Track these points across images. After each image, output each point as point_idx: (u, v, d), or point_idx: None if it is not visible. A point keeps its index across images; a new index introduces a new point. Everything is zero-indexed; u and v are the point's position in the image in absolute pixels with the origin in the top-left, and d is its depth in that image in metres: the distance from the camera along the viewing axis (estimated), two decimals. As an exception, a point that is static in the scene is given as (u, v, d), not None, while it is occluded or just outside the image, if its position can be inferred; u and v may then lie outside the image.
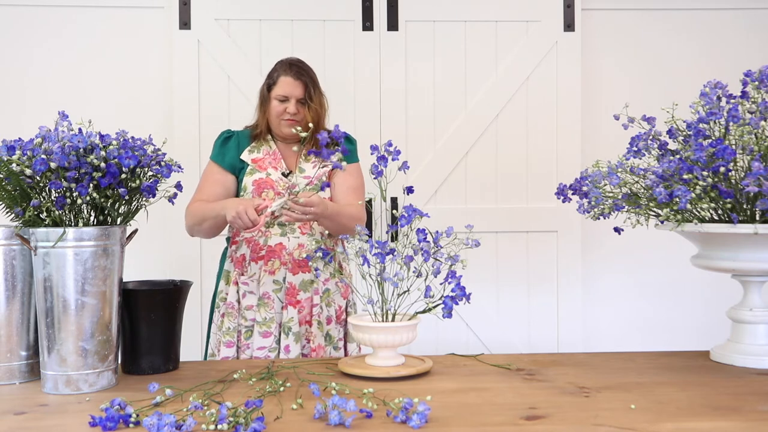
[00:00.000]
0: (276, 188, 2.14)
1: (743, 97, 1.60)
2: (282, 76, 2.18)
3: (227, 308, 2.16)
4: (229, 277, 2.19)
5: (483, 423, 1.24)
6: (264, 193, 2.13)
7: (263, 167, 2.18)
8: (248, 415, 1.21)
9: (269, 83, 2.21)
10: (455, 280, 1.59)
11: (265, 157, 2.20)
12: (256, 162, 2.19)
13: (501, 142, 3.29)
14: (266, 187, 2.15)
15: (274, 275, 2.13)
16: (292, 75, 2.16)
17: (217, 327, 2.18)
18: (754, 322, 1.65)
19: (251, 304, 2.14)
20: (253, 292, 2.14)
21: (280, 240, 2.14)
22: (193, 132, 3.16)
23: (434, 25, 3.27)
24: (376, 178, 1.68)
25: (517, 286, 3.30)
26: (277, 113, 2.18)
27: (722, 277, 1.82)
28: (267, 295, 2.13)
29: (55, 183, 1.45)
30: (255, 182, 2.15)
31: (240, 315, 2.15)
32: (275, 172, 2.17)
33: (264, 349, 2.10)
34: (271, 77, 2.22)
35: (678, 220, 1.58)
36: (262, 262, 2.14)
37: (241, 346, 2.14)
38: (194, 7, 3.15)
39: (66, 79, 3.18)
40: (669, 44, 3.39)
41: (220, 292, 2.21)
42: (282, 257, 2.13)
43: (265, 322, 2.11)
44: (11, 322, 1.53)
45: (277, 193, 2.14)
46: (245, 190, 2.17)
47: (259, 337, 2.11)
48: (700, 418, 1.26)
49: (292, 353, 2.09)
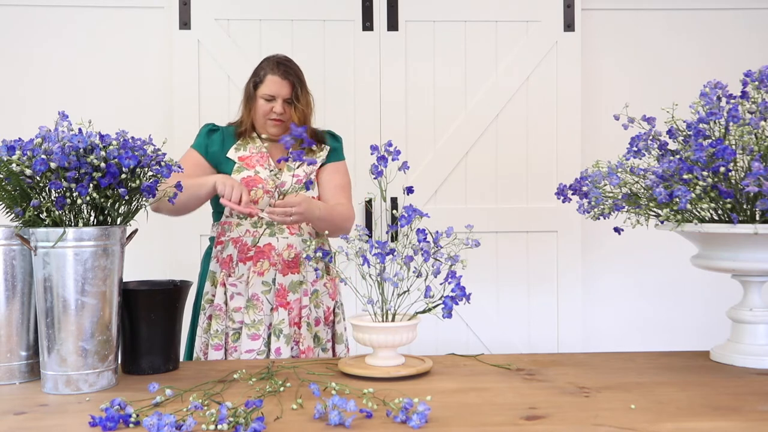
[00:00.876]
0: (265, 186, 2.11)
1: (743, 97, 1.60)
2: (269, 74, 2.15)
3: (214, 310, 2.12)
4: (215, 278, 2.14)
5: (483, 423, 1.24)
6: (253, 192, 2.10)
7: (251, 165, 2.15)
8: (248, 415, 1.21)
9: (255, 81, 2.18)
10: (455, 280, 1.59)
11: (252, 155, 2.17)
12: (243, 160, 2.15)
13: (501, 142, 3.29)
14: (255, 185, 2.11)
15: (263, 276, 2.10)
16: (279, 74, 2.14)
17: (203, 330, 2.13)
18: (754, 322, 1.65)
19: (239, 305, 2.09)
20: (242, 293, 2.10)
21: (269, 240, 2.11)
22: (193, 132, 3.12)
23: (434, 25, 3.27)
24: (376, 178, 1.68)
25: (517, 286, 3.30)
26: (263, 113, 2.15)
27: (722, 277, 1.82)
28: (256, 297, 2.09)
29: (55, 183, 1.45)
30: (243, 180, 2.11)
31: (227, 317, 2.10)
32: (263, 170, 2.14)
33: (252, 352, 2.06)
34: (257, 75, 2.18)
35: (678, 220, 1.58)
36: (250, 263, 2.11)
37: (229, 348, 2.10)
38: (194, 7, 3.15)
39: (66, 79, 3.18)
40: (669, 44, 3.39)
41: (205, 294, 2.15)
42: (271, 258, 2.11)
43: (254, 324, 2.07)
44: (11, 322, 1.53)
45: (266, 191, 2.11)
46: None
47: (247, 339, 2.07)
48: (700, 418, 1.26)
49: (283, 355, 2.06)
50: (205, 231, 3.14)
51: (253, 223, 2.11)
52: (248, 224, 2.12)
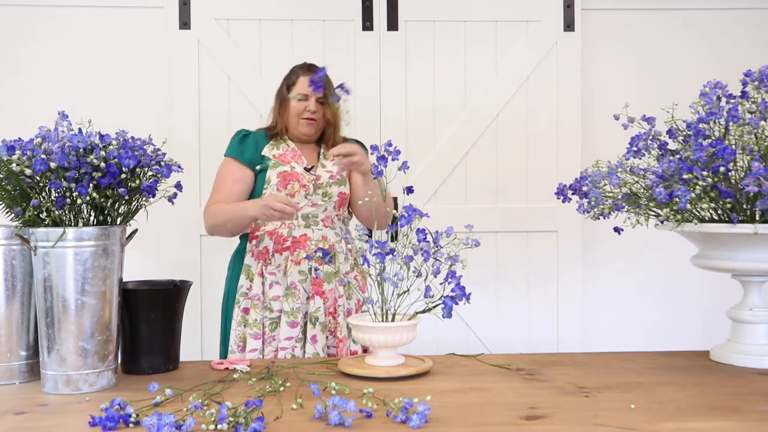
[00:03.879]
0: (301, 180, 2.18)
1: (743, 97, 1.60)
2: (301, 76, 2.25)
3: (252, 301, 2.16)
4: (250, 271, 2.20)
5: (483, 423, 1.24)
6: (289, 186, 2.17)
7: (286, 161, 2.22)
8: (248, 415, 1.21)
9: (288, 84, 2.28)
10: (455, 280, 1.59)
11: (286, 153, 2.24)
12: (277, 157, 2.22)
13: (501, 142, 3.29)
14: (291, 180, 2.18)
15: (300, 265, 2.15)
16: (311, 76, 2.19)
17: (237, 323, 2.18)
18: (754, 322, 1.65)
19: (278, 294, 2.15)
20: (279, 282, 2.16)
21: (304, 231, 2.17)
22: (193, 132, 3.17)
23: (434, 25, 3.27)
24: (376, 179, 1.68)
25: (517, 286, 3.30)
26: (297, 112, 2.23)
27: (722, 277, 1.82)
28: (294, 285, 2.14)
29: (55, 183, 1.45)
30: (280, 174, 2.18)
31: (264, 307, 2.15)
32: (298, 166, 2.21)
33: (291, 339, 2.11)
34: (289, 79, 2.28)
35: (678, 220, 1.58)
36: (287, 252, 2.16)
37: (267, 338, 2.14)
38: (194, 7, 3.15)
39: (66, 79, 3.18)
40: (669, 44, 3.39)
41: (240, 288, 2.20)
42: (307, 248, 2.16)
43: (293, 312, 2.12)
44: (11, 322, 1.53)
45: (302, 185, 2.17)
46: (269, 183, 2.18)
47: (286, 327, 2.11)
48: (700, 418, 1.26)
49: (319, 343, 2.11)
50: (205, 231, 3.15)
51: None
52: None
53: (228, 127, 3.13)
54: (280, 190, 2.17)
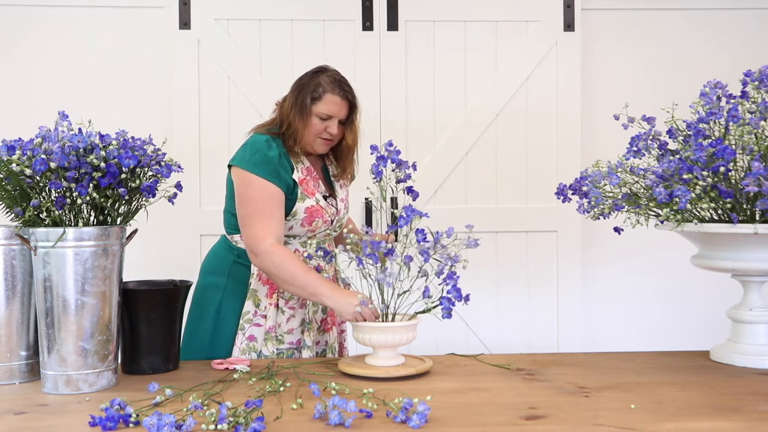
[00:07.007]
0: (324, 216, 1.99)
1: (743, 97, 1.60)
2: (328, 93, 1.96)
3: (269, 333, 1.96)
4: (257, 296, 1.98)
5: (483, 423, 1.24)
6: (314, 223, 1.98)
7: (310, 191, 1.99)
8: (248, 415, 1.22)
9: (313, 96, 1.97)
10: (452, 281, 1.59)
11: (305, 178, 2.00)
12: (301, 183, 1.98)
13: (501, 142, 3.29)
14: (317, 216, 1.98)
15: None
16: (339, 95, 1.97)
17: (242, 351, 1.95)
18: (754, 322, 1.65)
19: (293, 327, 1.99)
20: (295, 316, 2.00)
21: (319, 262, 2.00)
22: (193, 132, 3.16)
23: (434, 25, 3.26)
24: (376, 179, 1.68)
25: (516, 286, 3.30)
26: (316, 131, 1.97)
27: (722, 277, 1.82)
28: (310, 319, 2.01)
29: (55, 183, 1.45)
30: (308, 210, 1.96)
31: (278, 340, 1.98)
32: (320, 196, 2.01)
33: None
34: (315, 90, 1.97)
35: (678, 220, 1.58)
36: None
37: None
38: (194, 7, 3.15)
39: (66, 78, 3.18)
40: (669, 44, 3.39)
41: (244, 314, 1.97)
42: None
43: (313, 345, 2.00)
44: (11, 322, 1.53)
45: (324, 221, 2.00)
46: (294, 216, 1.95)
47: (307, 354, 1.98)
48: (700, 418, 1.26)
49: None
50: (205, 231, 3.16)
51: (302, 242, 2.01)
52: (297, 243, 2.01)
53: (228, 127, 3.13)
54: (304, 226, 1.96)
